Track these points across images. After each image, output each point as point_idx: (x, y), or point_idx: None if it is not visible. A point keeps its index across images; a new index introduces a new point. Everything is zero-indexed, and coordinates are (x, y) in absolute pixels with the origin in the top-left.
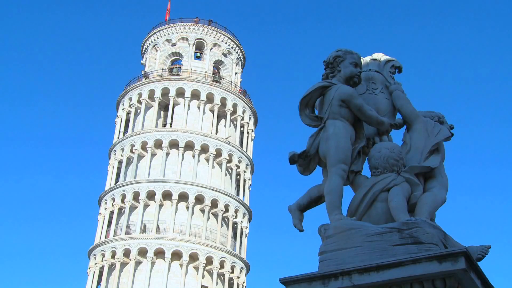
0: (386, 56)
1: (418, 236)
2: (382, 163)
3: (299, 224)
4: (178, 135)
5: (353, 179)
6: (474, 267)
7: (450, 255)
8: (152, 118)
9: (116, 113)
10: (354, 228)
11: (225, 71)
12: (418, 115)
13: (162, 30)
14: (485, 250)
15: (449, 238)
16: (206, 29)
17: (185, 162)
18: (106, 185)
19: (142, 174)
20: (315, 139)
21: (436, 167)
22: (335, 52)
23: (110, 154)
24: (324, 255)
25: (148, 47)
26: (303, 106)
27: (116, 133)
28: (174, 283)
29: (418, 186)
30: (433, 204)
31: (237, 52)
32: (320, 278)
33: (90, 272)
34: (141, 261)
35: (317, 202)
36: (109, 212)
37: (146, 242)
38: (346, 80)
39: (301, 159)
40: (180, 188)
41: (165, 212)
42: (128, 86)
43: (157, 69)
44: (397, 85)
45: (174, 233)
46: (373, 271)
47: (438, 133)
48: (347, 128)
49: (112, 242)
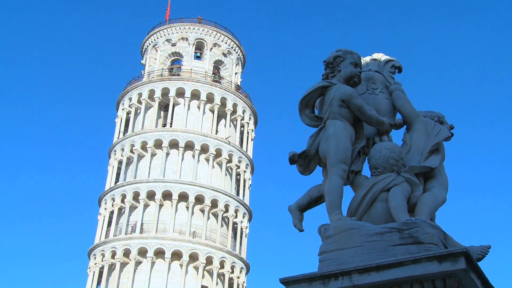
0: (386, 56)
1: (418, 236)
2: (382, 163)
3: (299, 224)
4: (178, 135)
5: (353, 179)
6: (474, 267)
7: (450, 255)
8: (152, 118)
9: (116, 113)
10: (354, 228)
11: (225, 71)
12: (418, 115)
13: (162, 30)
14: (485, 250)
15: (449, 238)
16: (206, 29)
17: (185, 162)
18: (106, 185)
19: (142, 174)
20: (315, 139)
21: (436, 167)
22: (335, 52)
23: (110, 154)
24: (324, 255)
25: (148, 47)
26: (303, 106)
27: (116, 133)
28: (174, 283)
29: (418, 186)
30: (433, 204)
31: (237, 52)
32: (320, 278)
33: (90, 272)
34: (141, 261)
35: (317, 202)
36: (109, 212)
37: (146, 242)
38: (346, 80)
39: (301, 159)
40: (180, 188)
41: (165, 212)
42: (128, 86)
43: (157, 69)
44: (397, 85)
45: (174, 233)
46: (373, 271)
47: (438, 133)
48: (347, 128)
49: (112, 242)
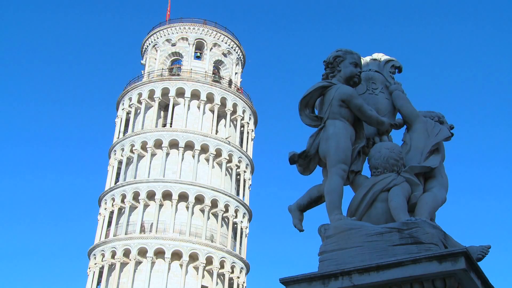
0: (386, 56)
1: (418, 236)
2: (382, 163)
3: (299, 224)
4: (178, 135)
5: (353, 179)
6: (474, 267)
7: (450, 255)
8: (152, 118)
9: (116, 113)
10: (354, 228)
11: (225, 71)
12: (418, 115)
13: (162, 30)
14: (485, 250)
15: (449, 238)
16: (206, 29)
17: (185, 162)
18: (106, 185)
19: (142, 174)
20: (315, 139)
21: (436, 167)
22: (335, 52)
23: (110, 154)
24: (324, 255)
25: (148, 47)
26: (303, 106)
27: (116, 133)
28: (174, 283)
29: (418, 186)
30: (433, 204)
31: (237, 52)
32: (320, 278)
33: (90, 272)
34: (141, 261)
35: (317, 202)
36: (109, 212)
37: (146, 242)
38: (346, 80)
39: (301, 159)
40: (180, 188)
41: (165, 212)
42: (128, 86)
43: (157, 69)
44: (397, 85)
45: (174, 233)
46: (373, 271)
47: (438, 133)
48: (347, 128)
49: (112, 242)
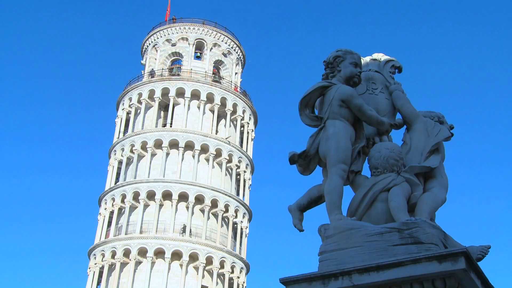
0: (386, 56)
1: (418, 236)
2: (382, 163)
3: (299, 224)
4: (178, 135)
5: (353, 179)
6: (474, 267)
7: (450, 255)
8: (152, 118)
9: (116, 113)
10: (354, 228)
11: (225, 71)
12: (418, 115)
13: (162, 30)
14: (485, 250)
15: (449, 238)
16: (206, 29)
17: (185, 162)
18: (106, 185)
19: (142, 174)
20: (315, 139)
21: (436, 167)
22: (335, 52)
23: (110, 154)
24: (324, 255)
25: (148, 47)
26: (303, 106)
27: (116, 133)
28: (174, 283)
29: (418, 186)
30: (433, 204)
31: (237, 52)
32: (320, 278)
33: (90, 272)
34: (141, 261)
35: (317, 202)
36: (109, 212)
37: (146, 242)
38: (346, 80)
39: (301, 159)
40: (180, 188)
41: (165, 212)
42: (128, 86)
43: (157, 69)
44: (397, 85)
45: (174, 233)
46: (373, 271)
47: (438, 133)
48: (347, 128)
49: (112, 242)
